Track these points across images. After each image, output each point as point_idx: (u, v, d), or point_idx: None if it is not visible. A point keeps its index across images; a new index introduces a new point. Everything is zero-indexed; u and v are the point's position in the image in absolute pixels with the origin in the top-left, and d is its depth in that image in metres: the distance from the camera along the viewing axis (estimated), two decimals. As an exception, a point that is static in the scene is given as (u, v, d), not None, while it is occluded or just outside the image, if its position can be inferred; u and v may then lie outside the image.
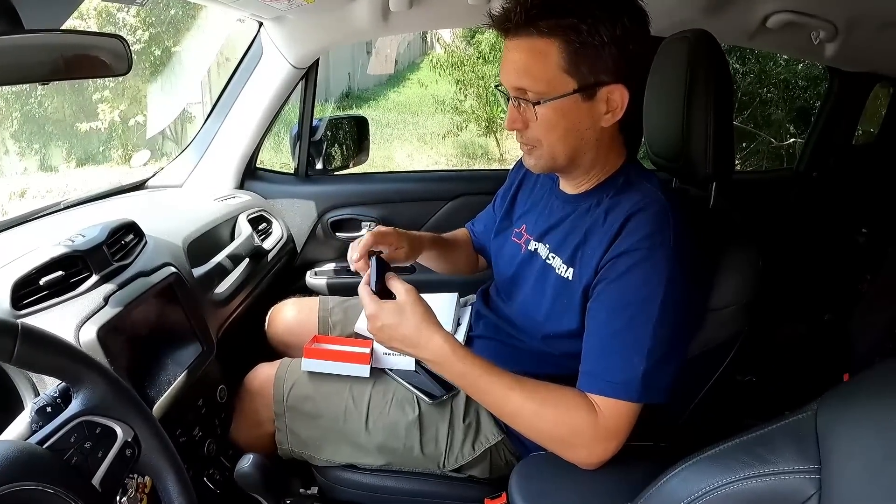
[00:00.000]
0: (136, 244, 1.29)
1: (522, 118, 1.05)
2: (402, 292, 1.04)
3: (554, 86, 1.00)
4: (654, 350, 0.97)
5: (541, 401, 1.00)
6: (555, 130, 1.04)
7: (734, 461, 0.66)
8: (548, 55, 0.98)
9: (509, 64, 1.03)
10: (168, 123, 6.87)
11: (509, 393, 1.01)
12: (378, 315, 1.03)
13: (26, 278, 1.04)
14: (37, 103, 7.48)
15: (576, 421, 0.98)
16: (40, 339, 0.70)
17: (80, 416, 0.73)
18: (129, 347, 1.09)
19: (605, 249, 1.02)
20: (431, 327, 1.02)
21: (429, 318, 1.03)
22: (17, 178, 7.19)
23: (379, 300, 1.04)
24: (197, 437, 1.27)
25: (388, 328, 1.03)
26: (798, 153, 4.18)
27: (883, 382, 0.65)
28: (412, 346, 1.04)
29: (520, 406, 1.01)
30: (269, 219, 1.95)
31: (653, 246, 0.98)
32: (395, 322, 1.03)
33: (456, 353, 1.02)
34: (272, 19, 1.72)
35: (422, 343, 1.02)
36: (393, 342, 1.05)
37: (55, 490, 0.66)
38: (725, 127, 1.14)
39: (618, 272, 0.99)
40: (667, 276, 0.97)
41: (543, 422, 1.00)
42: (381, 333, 1.05)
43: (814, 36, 1.76)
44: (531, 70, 1.00)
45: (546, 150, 1.07)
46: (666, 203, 1.02)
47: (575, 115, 1.02)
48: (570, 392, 1.01)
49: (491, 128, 8.38)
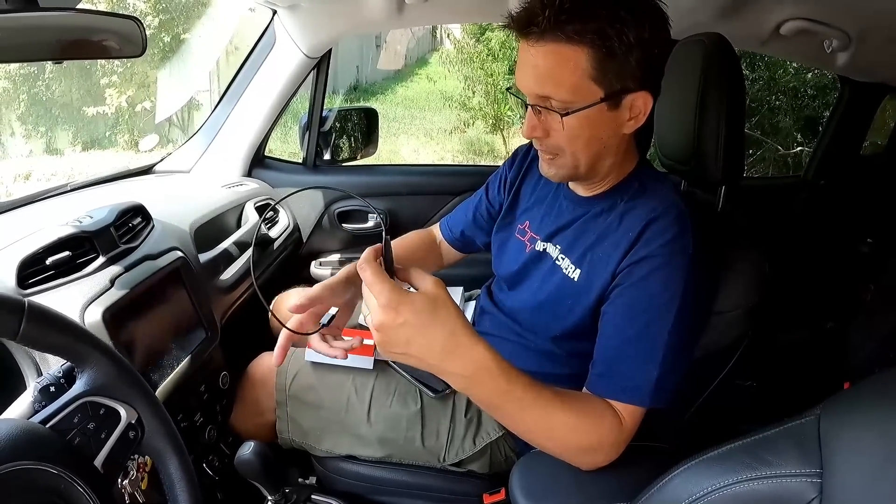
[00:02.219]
0: (144, 227, 1.29)
1: (543, 126, 1.00)
2: (430, 284, 0.80)
3: (581, 94, 0.94)
4: (668, 356, 0.96)
5: (577, 411, 0.92)
6: (579, 139, 0.99)
7: (736, 463, 0.66)
8: (576, 62, 0.92)
9: (531, 69, 0.95)
10: (176, 110, 6.88)
11: (549, 407, 0.90)
12: (399, 308, 0.76)
13: (33, 257, 1.04)
14: (44, 86, 7.50)
15: (604, 430, 0.94)
16: (46, 318, 0.70)
17: (84, 396, 0.73)
18: (133, 330, 1.09)
19: (623, 254, 1.00)
20: (471, 333, 0.82)
21: (465, 320, 0.82)
22: (22, 161, 7.21)
23: (400, 287, 0.78)
24: (198, 423, 1.27)
25: (412, 329, 0.77)
26: (804, 162, 4.16)
27: (886, 389, 0.65)
28: (441, 357, 0.80)
29: (562, 422, 0.91)
30: (276, 207, 1.95)
31: (673, 252, 0.97)
32: (422, 322, 0.77)
33: (501, 367, 0.84)
34: (286, 7, 1.72)
35: (459, 352, 0.80)
36: (411, 348, 0.79)
37: (57, 470, 0.66)
38: (737, 131, 1.14)
39: (637, 277, 0.98)
40: (685, 282, 0.96)
41: (577, 433, 0.93)
42: (396, 335, 0.78)
43: (826, 44, 1.76)
44: (557, 77, 0.93)
45: (569, 159, 1.02)
46: (684, 209, 1.01)
47: (600, 124, 0.98)
48: (594, 398, 0.97)
49: (498, 125, 8.39)
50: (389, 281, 0.77)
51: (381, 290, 0.76)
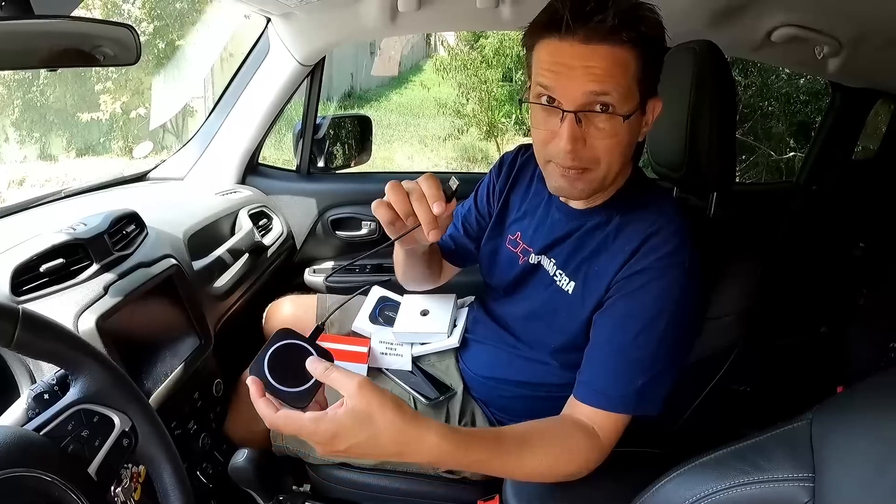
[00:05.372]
0: (138, 234, 1.29)
1: (583, 136, 0.93)
2: (353, 388, 0.76)
3: (631, 98, 0.93)
4: (654, 366, 0.97)
5: (550, 447, 0.93)
6: (619, 147, 0.95)
7: (729, 467, 0.67)
8: (628, 66, 0.90)
9: (583, 70, 0.90)
10: (170, 117, 6.87)
11: (521, 455, 0.90)
12: (334, 440, 0.76)
13: (27, 264, 1.04)
14: (39, 92, 7.49)
15: (581, 455, 0.95)
16: (41, 325, 0.70)
17: (78, 403, 0.73)
18: (127, 337, 1.09)
19: (619, 267, 1.01)
20: (415, 424, 0.80)
21: (406, 410, 0.79)
22: (16, 167, 7.19)
23: (324, 413, 0.76)
24: (192, 431, 1.27)
25: (359, 447, 0.77)
26: (797, 167, 4.18)
27: (878, 394, 0.66)
28: (397, 453, 0.79)
29: (538, 462, 0.92)
30: (270, 215, 1.95)
31: (670, 265, 0.97)
32: (365, 437, 0.76)
33: (457, 442, 0.83)
34: (280, 15, 1.73)
35: (411, 446, 0.79)
36: (367, 455, 0.79)
37: (51, 477, 0.66)
38: (728, 137, 1.15)
39: (631, 288, 0.99)
40: (678, 295, 0.97)
41: (555, 467, 0.94)
42: (347, 454, 0.78)
43: (817, 51, 1.77)
44: (617, 80, 0.90)
45: (601, 172, 0.97)
46: (682, 222, 1.01)
47: (636, 130, 0.97)
48: (566, 424, 0.98)
49: (492, 132, 8.40)
50: (303, 419, 0.75)
51: (306, 431, 0.76)
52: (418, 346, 1.37)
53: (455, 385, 1.29)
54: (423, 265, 1.29)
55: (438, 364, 1.35)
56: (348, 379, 0.76)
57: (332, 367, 0.78)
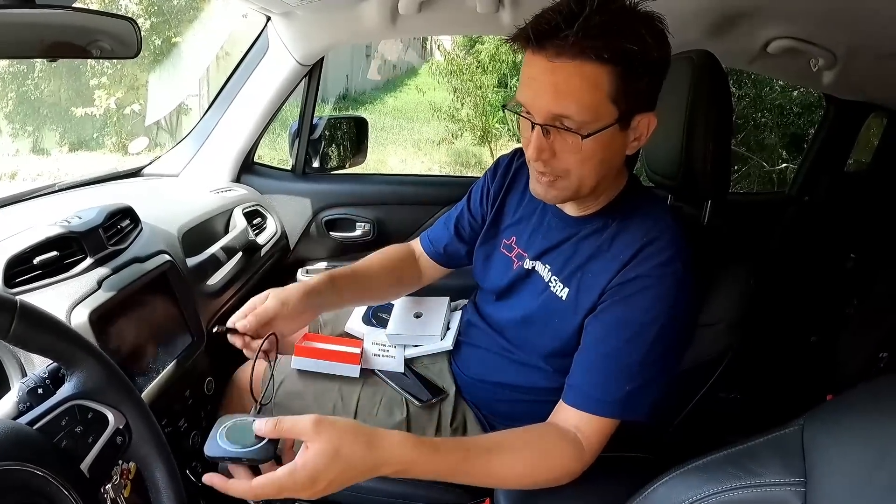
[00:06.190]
0: (132, 230, 1.28)
1: (551, 147, 0.95)
2: (309, 431, 0.81)
3: (600, 115, 0.90)
4: (643, 372, 0.97)
5: (532, 453, 0.95)
6: (590, 162, 0.95)
7: (721, 472, 0.67)
8: (599, 82, 0.88)
9: (548, 87, 0.90)
10: (165, 114, 6.85)
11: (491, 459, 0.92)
12: (316, 476, 0.80)
13: (20, 256, 1.04)
14: (33, 85, 7.45)
15: (564, 461, 0.96)
16: (38, 318, 0.69)
17: (73, 399, 0.72)
18: (119, 333, 1.08)
19: (613, 274, 1.01)
20: (377, 441, 0.85)
21: (362, 430, 0.85)
22: (7, 160, 7.14)
23: (295, 464, 0.81)
24: (182, 429, 1.26)
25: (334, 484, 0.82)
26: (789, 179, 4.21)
27: (869, 400, 0.66)
28: (371, 473, 0.85)
29: (509, 468, 0.94)
30: (264, 214, 1.95)
31: (665, 274, 0.98)
32: (335, 473, 0.81)
33: (423, 452, 0.87)
34: (281, 14, 1.73)
35: (383, 458, 0.84)
36: (346, 483, 0.84)
37: (43, 472, 0.64)
38: (724, 147, 1.16)
39: (624, 294, 0.99)
40: (672, 303, 0.97)
41: (536, 474, 0.96)
42: (325, 492, 0.83)
43: (812, 63, 1.78)
44: (579, 97, 0.89)
45: (573, 182, 0.98)
46: (678, 231, 1.02)
47: (612, 146, 0.95)
48: (546, 430, 0.99)
49: (486, 137, 8.43)
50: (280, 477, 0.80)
51: (287, 487, 0.80)
52: (411, 349, 1.36)
53: (448, 387, 1.29)
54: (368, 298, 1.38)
55: (431, 366, 1.35)
56: (301, 423, 0.81)
57: (279, 420, 0.82)
